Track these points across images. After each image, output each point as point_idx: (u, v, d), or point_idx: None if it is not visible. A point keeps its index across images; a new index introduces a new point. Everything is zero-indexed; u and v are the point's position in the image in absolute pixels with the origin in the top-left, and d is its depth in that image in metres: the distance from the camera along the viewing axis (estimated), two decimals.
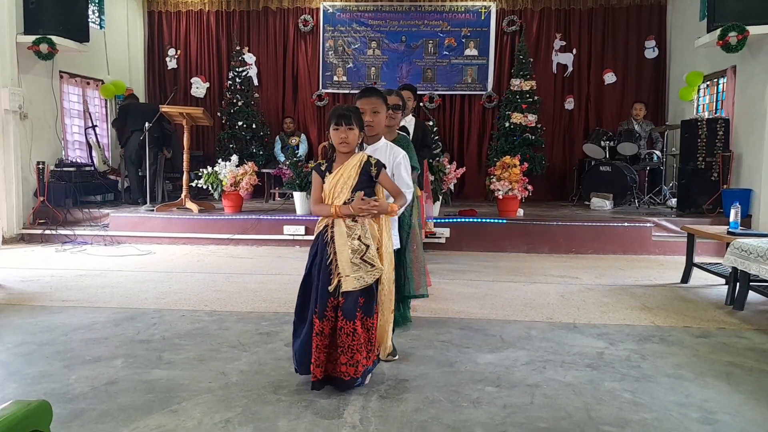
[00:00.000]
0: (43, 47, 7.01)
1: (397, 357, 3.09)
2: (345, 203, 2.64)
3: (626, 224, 6.57)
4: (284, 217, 6.85)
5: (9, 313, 3.93)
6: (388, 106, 3.21)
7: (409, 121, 5.02)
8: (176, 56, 9.98)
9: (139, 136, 7.68)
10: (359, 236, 2.62)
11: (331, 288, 2.59)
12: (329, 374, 2.65)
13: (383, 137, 3.07)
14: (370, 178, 2.67)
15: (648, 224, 6.57)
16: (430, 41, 9.67)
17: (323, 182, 2.72)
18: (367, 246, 2.62)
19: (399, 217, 3.28)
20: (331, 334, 2.62)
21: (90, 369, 2.93)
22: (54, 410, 1.40)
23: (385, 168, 2.75)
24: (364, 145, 2.86)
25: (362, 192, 2.64)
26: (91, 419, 2.39)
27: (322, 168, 2.74)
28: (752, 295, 4.22)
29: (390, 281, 2.77)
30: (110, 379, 2.80)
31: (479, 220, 6.73)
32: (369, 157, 2.70)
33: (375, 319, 2.68)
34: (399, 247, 3.12)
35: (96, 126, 8.72)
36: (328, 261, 2.62)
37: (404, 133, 3.61)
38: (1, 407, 1.27)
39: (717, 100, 8.04)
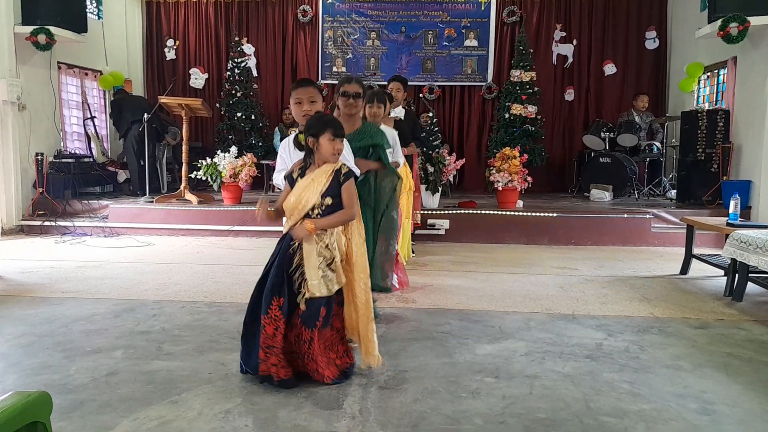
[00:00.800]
0: (41, 38, 6.98)
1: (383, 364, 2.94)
2: (312, 208, 2.61)
3: (626, 216, 6.57)
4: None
5: (9, 305, 3.94)
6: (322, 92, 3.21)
7: (399, 112, 5.06)
8: (175, 47, 9.93)
9: (138, 127, 7.65)
10: (327, 244, 2.61)
11: (300, 298, 2.58)
12: (299, 371, 2.65)
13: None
14: (338, 185, 2.64)
15: (647, 216, 6.57)
16: (430, 32, 9.62)
17: (290, 190, 2.69)
18: (333, 255, 2.62)
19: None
20: (295, 341, 2.62)
21: (90, 360, 2.94)
22: (54, 401, 1.40)
23: (355, 179, 2.72)
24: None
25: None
26: (91, 410, 2.39)
27: (294, 176, 2.71)
28: (751, 287, 4.23)
29: (366, 290, 2.72)
30: (110, 370, 2.81)
31: (479, 211, 6.73)
32: (342, 165, 2.68)
33: (336, 327, 2.71)
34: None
35: (94, 117, 8.69)
36: (294, 265, 2.60)
37: (371, 123, 3.55)
38: (1, 398, 1.28)
39: (717, 92, 8.01)
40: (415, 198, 5.35)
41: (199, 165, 7.25)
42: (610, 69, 9.40)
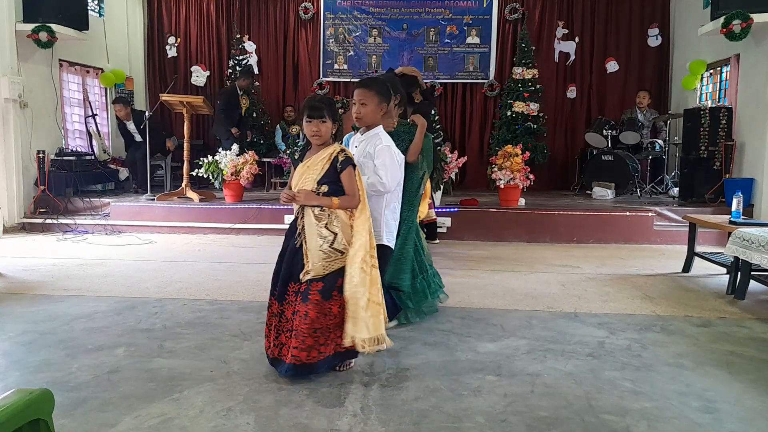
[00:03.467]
0: (43, 35, 6.97)
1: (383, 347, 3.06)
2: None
3: (628, 213, 6.55)
4: (285, 207, 6.82)
5: (10, 302, 3.94)
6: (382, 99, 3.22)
7: None
8: (176, 44, 9.92)
9: (140, 125, 7.66)
10: (326, 224, 2.64)
11: (301, 276, 2.63)
12: (276, 357, 2.69)
13: (381, 126, 3.06)
14: (336, 172, 2.64)
15: (650, 213, 6.56)
16: (432, 29, 9.60)
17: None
18: (335, 234, 2.63)
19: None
20: (293, 319, 2.65)
21: (92, 358, 2.94)
22: (56, 399, 1.40)
23: (354, 167, 2.67)
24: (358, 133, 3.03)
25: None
26: (93, 408, 2.40)
27: (296, 157, 2.82)
28: (753, 285, 4.22)
29: (369, 268, 2.66)
30: (112, 367, 2.81)
31: (481, 209, 6.72)
32: (342, 151, 2.67)
33: (333, 305, 2.61)
34: (392, 246, 3.12)
35: (96, 115, 8.69)
36: (297, 248, 2.67)
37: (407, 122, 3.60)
38: (3, 396, 1.28)
39: (720, 89, 7.99)
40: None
41: (200, 163, 7.25)
42: (612, 66, 9.37)
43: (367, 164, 2.95)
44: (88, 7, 8.03)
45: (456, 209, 6.65)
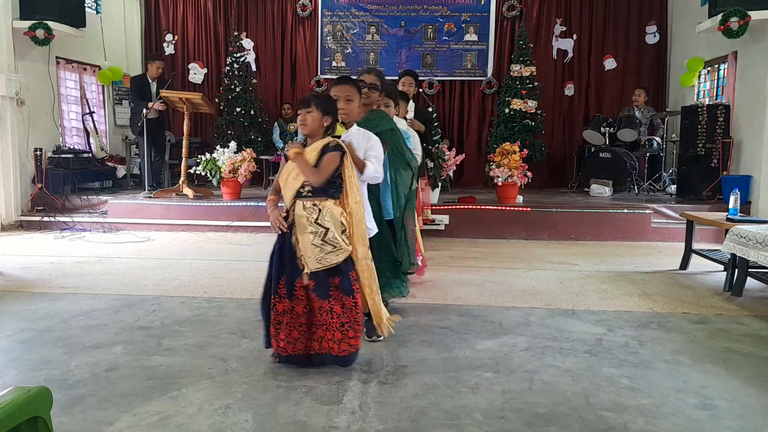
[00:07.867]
0: (40, 33, 6.95)
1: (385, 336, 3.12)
2: (302, 185, 2.70)
3: (626, 211, 6.56)
4: (283, 205, 6.82)
5: (8, 300, 3.94)
6: (361, 92, 3.22)
7: (410, 108, 5.01)
8: (173, 42, 9.90)
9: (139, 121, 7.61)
10: (315, 219, 2.68)
11: (306, 272, 2.68)
12: (312, 353, 2.73)
13: (355, 123, 3.08)
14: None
15: (647, 211, 6.56)
16: (430, 26, 9.59)
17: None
18: (326, 228, 2.67)
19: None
20: (306, 313, 2.71)
21: (90, 355, 2.94)
22: (54, 396, 1.40)
23: (344, 153, 2.71)
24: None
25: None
26: (91, 405, 2.39)
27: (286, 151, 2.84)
28: (750, 282, 4.23)
29: (367, 259, 2.80)
30: (110, 365, 2.81)
31: (478, 206, 6.72)
32: (332, 141, 2.73)
33: (357, 298, 2.72)
34: (376, 231, 3.10)
35: (93, 112, 8.67)
36: (291, 243, 2.72)
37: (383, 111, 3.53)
38: (1, 394, 1.28)
39: (718, 86, 8.00)
40: (424, 191, 5.35)
41: (198, 160, 7.24)
42: (610, 64, 9.38)
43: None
44: (85, 5, 8.00)
45: (454, 206, 6.66)
